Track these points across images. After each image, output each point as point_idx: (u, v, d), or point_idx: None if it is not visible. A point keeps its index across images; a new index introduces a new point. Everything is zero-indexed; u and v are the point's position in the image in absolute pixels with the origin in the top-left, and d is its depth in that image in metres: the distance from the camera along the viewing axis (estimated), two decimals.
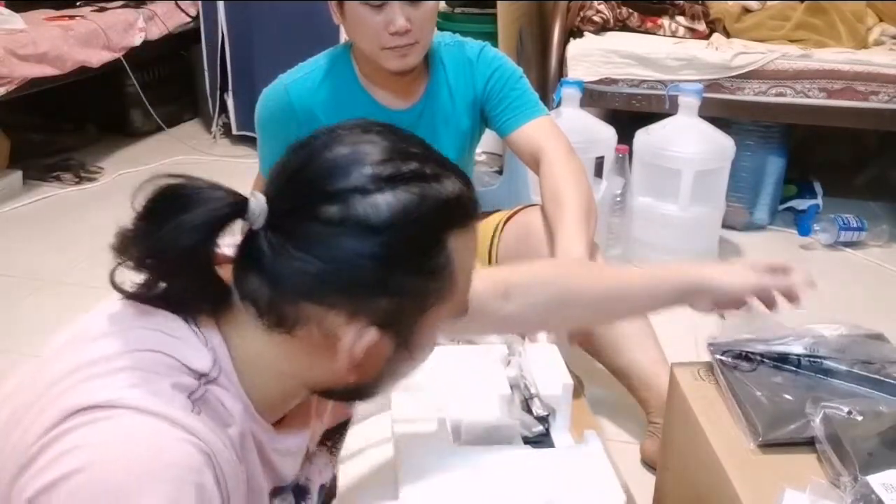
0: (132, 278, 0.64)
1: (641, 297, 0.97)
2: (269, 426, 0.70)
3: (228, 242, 0.65)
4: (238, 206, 0.61)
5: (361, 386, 0.69)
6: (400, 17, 1.35)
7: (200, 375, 0.62)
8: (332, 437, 0.87)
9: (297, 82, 1.51)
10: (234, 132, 3.17)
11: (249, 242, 0.63)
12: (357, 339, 0.63)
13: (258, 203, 0.62)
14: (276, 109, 1.52)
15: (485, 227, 1.63)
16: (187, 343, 0.63)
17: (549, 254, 1.40)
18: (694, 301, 0.96)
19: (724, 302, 0.96)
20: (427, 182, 0.63)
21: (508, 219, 1.59)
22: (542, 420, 1.04)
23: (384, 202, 0.61)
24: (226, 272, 0.67)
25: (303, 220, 0.61)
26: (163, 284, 0.64)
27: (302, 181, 0.63)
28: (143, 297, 0.65)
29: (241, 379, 0.66)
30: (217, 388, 0.64)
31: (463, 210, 0.66)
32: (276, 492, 0.76)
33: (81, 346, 0.64)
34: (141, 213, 0.60)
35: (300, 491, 0.81)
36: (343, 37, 2.81)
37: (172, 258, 0.61)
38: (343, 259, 0.61)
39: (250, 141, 3.13)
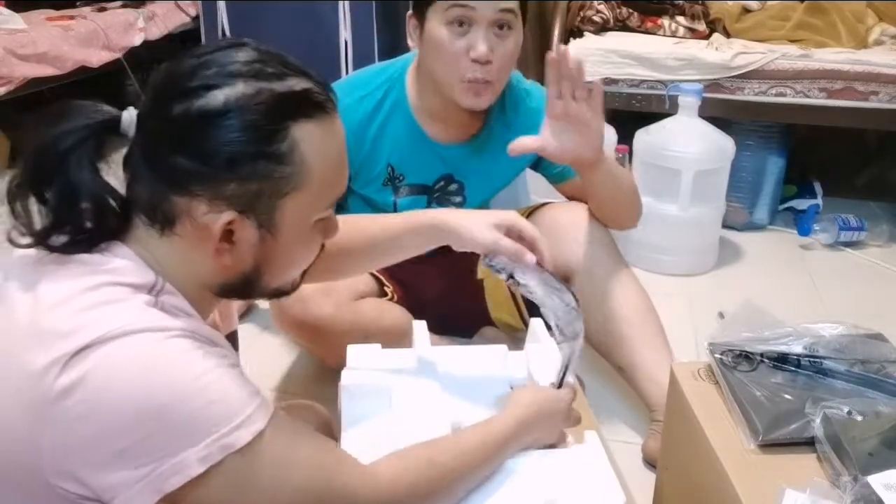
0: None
1: (405, 237, 1.05)
2: None
3: None
4: (113, 117, 0.72)
5: (249, 277, 0.77)
6: (483, 43, 1.31)
7: (150, 288, 0.71)
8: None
9: (351, 107, 1.42)
10: None
11: (131, 157, 0.73)
12: (215, 221, 0.70)
13: (129, 113, 0.72)
14: None
15: None
16: (122, 268, 0.71)
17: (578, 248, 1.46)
18: (448, 240, 1.03)
19: (468, 246, 1.02)
20: (266, 79, 0.71)
21: (527, 217, 1.60)
22: None
23: (222, 94, 0.69)
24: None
25: (159, 120, 0.71)
26: (67, 227, 0.71)
27: (160, 88, 0.72)
28: (53, 245, 0.71)
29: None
30: (167, 295, 0.72)
31: (308, 103, 0.73)
32: None
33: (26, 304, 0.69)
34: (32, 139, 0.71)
35: None
36: (344, 35, 2.81)
37: (55, 164, 0.69)
38: (192, 147, 0.69)
39: None
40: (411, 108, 1.47)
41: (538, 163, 1.56)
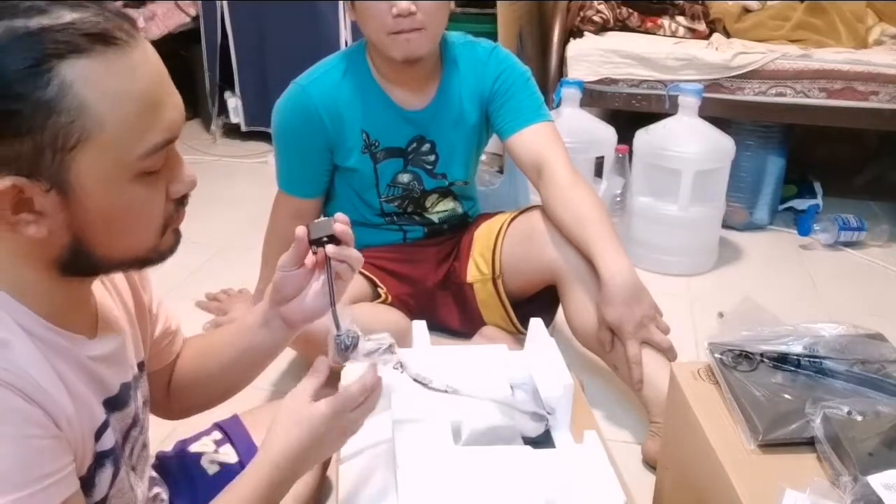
0: None
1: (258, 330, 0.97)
2: (73, 335, 0.72)
3: None
4: None
5: (78, 249, 0.67)
6: None
7: None
8: None
9: (316, 81, 1.51)
10: (244, 128, 3.17)
11: None
12: None
13: None
14: (297, 113, 1.51)
15: (488, 229, 1.64)
16: None
17: (560, 269, 1.45)
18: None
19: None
20: (15, 16, 0.59)
21: (512, 220, 1.60)
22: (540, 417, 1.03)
23: None
24: None
25: None
26: None
27: None
28: None
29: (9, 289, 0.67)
30: None
31: (77, 38, 0.60)
32: (112, 404, 0.78)
33: None
34: None
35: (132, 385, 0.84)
36: (344, 35, 2.82)
37: None
38: None
39: (261, 136, 3.13)
40: (375, 78, 1.52)
41: (490, 120, 1.60)
